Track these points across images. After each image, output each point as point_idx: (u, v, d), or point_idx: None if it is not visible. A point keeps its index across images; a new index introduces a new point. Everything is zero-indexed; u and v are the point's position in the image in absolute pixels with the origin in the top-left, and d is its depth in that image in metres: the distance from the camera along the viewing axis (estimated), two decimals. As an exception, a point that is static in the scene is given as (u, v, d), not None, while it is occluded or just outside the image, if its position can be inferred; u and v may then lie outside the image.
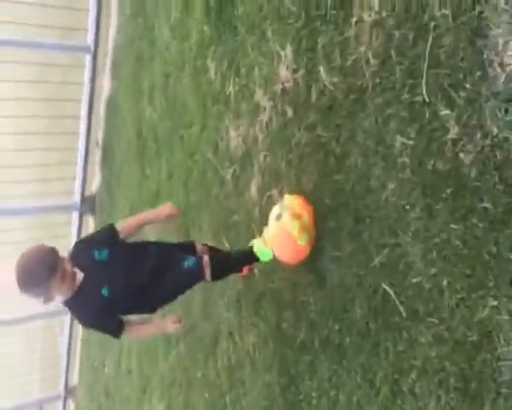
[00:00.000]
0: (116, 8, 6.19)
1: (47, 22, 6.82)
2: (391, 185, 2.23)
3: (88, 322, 2.93)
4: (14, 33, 7.05)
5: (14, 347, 9.00)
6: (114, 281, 2.75)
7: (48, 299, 2.64)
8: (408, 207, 2.15)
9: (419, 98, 2.07)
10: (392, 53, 2.19)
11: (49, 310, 8.41)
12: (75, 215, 7.01)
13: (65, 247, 7.08)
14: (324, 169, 2.62)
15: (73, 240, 7.09)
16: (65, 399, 8.59)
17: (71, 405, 8.65)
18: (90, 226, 7.02)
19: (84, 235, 6.97)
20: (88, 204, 6.93)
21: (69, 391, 8.54)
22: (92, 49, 6.18)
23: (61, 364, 8.16)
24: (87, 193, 6.87)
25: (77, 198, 6.87)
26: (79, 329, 7.72)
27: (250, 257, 3.07)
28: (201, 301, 3.94)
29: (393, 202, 2.22)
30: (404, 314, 2.17)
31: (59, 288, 2.63)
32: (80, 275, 2.71)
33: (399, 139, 2.17)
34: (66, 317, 7.57)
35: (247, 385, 3.37)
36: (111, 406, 6.46)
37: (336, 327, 2.57)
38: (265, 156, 3.11)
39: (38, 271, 2.54)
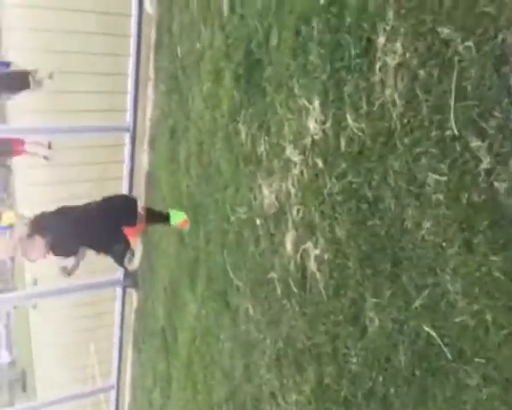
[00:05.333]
0: (152, 88, 6.41)
1: (91, 106, 7.17)
2: (426, 224, 2.19)
3: None
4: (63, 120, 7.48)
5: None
6: None
7: None
8: (445, 244, 2.10)
9: (448, 133, 2.06)
10: (418, 92, 2.19)
11: (96, 388, 8.42)
12: (119, 290, 7.09)
13: (109, 323, 7.12)
14: (357, 216, 2.60)
15: (118, 316, 7.18)
16: None
17: None
18: (134, 299, 7.06)
19: (127, 308, 7.04)
20: (130, 279, 7.00)
21: None
22: (131, 128, 6.41)
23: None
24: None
25: (119, 273, 6.95)
26: (126, 403, 7.64)
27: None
28: (242, 365, 3.87)
29: (430, 241, 2.17)
30: (450, 357, 2.08)
31: None
32: None
33: (432, 176, 2.15)
34: (113, 391, 7.52)
35: (292, 449, 3.25)
36: None
37: (380, 378, 2.48)
38: (298, 210, 3.10)
39: None
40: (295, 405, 3.21)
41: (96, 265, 7.82)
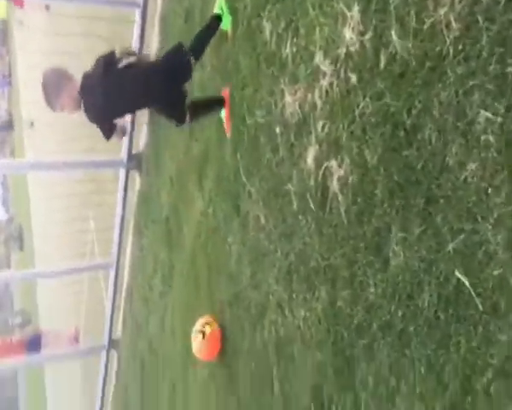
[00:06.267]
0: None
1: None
2: (471, 165, 2.02)
3: None
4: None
5: (61, 298, 9.15)
6: None
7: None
8: (491, 190, 1.94)
9: (510, 69, 1.84)
10: (479, 17, 1.94)
11: (95, 263, 8.51)
12: (122, 171, 6.96)
13: (112, 202, 7.05)
14: (392, 142, 2.42)
15: (120, 196, 7.07)
16: (108, 350, 8.67)
17: (114, 356, 8.70)
18: (137, 183, 6.95)
19: (129, 190, 6.93)
20: (134, 161, 6.84)
21: (112, 343, 8.59)
22: (141, 4, 5.99)
23: (105, 316, 8.18)
24: (134, 151, 6.76)
25: (124, 155, 6.79)
26: (124, 282, 7.71)
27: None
28: (250, 271, 3.81)
29: (474, 184, 2.01)
30: (481, 308, 1.99)
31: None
32: None
33: (484, 114, 1.95)
34: (112, 270, 7.55)
35: (296, 361, 3.26)
36: (154, 363, 6.49)
37: (399, 313, 2.40)
38: (324, 125, 2.91)
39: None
40: (303, 320, 3.17)
41: (99, 143, 7.67)
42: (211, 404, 4.67)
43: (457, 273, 2.08)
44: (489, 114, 1.93)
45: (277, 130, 3.36)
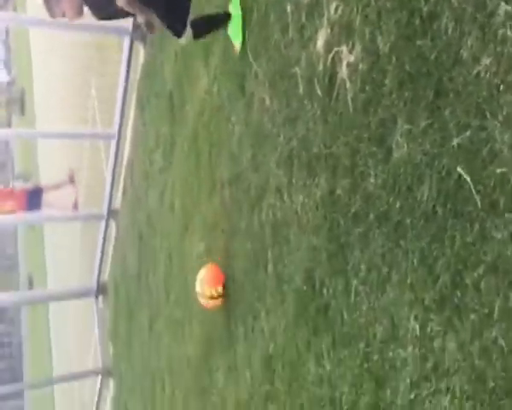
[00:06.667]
0: None
1: None
2: (485, 60, 1.95)
3: None
4: None
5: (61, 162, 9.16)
6: None
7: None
8: (503, 87, 1.89)
9: (539, -40, 1.74)
10: None
11: (96, 132, 8.45)
12: (126, 41, 6.77)
13: (115, 74, 6.90)
14: (406, 30, 2.33)
15: (124, 66, 6.91)
16: (107, 220, 8.82)
17: (112, 226, 8.87)
18: (140, 55, 6.78)
19: (133, 63, 6.78)
20: (139, 32, 6.64)
21: (112, 213, 8.72)
22: None
23: (104, 186, 8.25)
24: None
25: (129, 23, 6.58)
26: (125, 155, 7.71)
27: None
28: (251, 153, 3.80)
29: (486, 80, 1.96)
30: (480, 205, 1.99)
31: None
32: None
33: (504, 7, 1.87)
34: (114, 141, 7.53)
35: (291, 244, 3.32)
36: (152, 234, 6.62)
37: (397, 204, 2.42)
38: (337, 7, 2.79)
39: None
40: (301, 206, 3.20)
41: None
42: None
43: (459, 169, 2.07)
44: (509, 8, 1.85)
45: (288, 9, 3.23)
